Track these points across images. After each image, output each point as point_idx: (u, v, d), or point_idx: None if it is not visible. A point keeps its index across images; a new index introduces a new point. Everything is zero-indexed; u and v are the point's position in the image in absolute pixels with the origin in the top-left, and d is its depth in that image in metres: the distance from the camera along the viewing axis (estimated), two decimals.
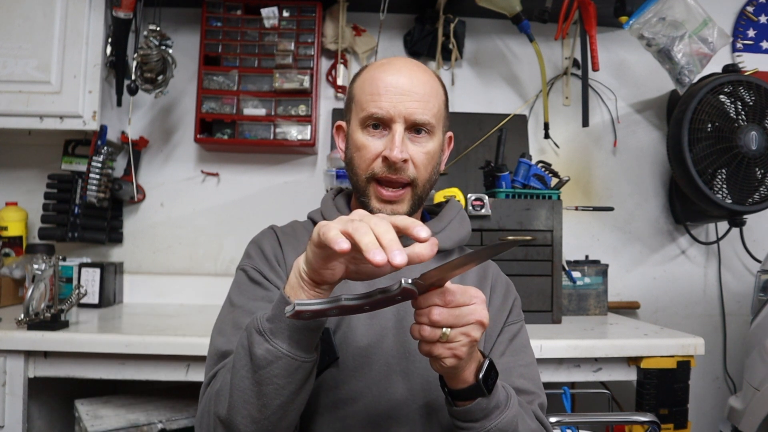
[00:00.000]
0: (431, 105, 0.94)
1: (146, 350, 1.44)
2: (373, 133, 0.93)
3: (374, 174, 0.93)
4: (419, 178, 0.94)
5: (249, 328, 0.74)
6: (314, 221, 1.04)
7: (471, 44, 2.31)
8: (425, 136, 0.94)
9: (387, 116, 0.91)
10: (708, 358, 2.19)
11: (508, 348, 0.97)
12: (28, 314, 1.49)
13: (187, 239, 2.22)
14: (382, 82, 0.92)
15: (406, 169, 0.92)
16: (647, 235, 2.32)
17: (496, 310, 0.99)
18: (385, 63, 0.97)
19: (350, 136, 0.97)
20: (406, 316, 0.93)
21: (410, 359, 0.91)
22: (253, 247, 0.99)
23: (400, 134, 0.91)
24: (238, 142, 2.07)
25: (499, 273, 1.06)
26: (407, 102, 0.91)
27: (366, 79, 0.96)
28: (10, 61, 1.86)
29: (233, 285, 0.97)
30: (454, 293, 0.69)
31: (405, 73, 0.93)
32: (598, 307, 1.98)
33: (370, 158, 0.93)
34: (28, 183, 2.18)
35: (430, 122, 0.93)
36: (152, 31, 1.95)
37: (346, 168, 1.00)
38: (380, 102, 0.91)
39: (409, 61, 0.97)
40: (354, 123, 0.96)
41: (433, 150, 0.95)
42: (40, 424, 1.61)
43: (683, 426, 1.56)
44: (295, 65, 2.08)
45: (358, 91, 0.96)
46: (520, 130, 2.21)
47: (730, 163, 1.89)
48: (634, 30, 1.95)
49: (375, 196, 0.94)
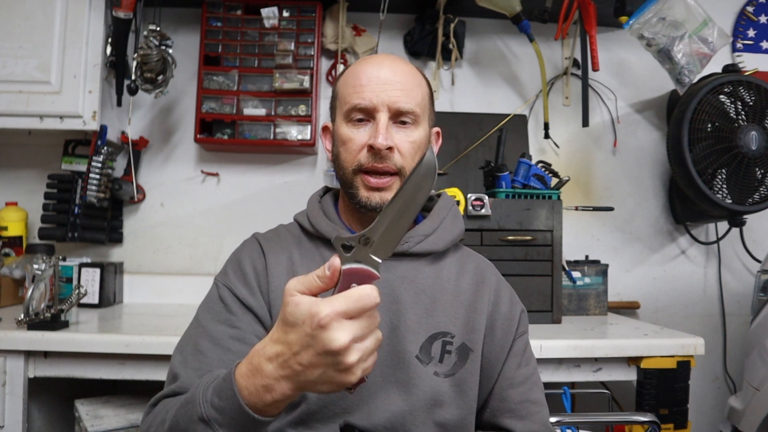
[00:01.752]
0: (414, 94, 0.93)
1: (146, 350, 1.44)
2: (357, 125, 0.93)
3: (361, 165, 0.92)
4: (406, 167, 0.93)
5: (193, 410, 0.70)
6: (301, 224, 1.02)
7: (471, 44, 2.31)
8: (410, 126, 0.94)
9: (370, 105, 0.91)
10: (708, 358, 2.19)
11: (523, 359, 0.98)
12: (28, 314, 1.49)
13: (187, 239, 2.22)
14: (364, 74, 0.93)
15: (392, 157, 0.91)
16: (647, 235, 2.32)
17: (503, 320, 0.97)
18: (366, 58, 0.98)
19: (336, 132, 0.97)
20: (399, 325, 0.91)
21: (406, 368, 0.90)
22: (232, 261, 0.98)
23: (383, 122, 0.91)
24: (238, 142, 2.07)
25: (500, 279, 1.03)
26: (390, 91, 0.91)
27: (348, 74, 0.96)
28: (10, 61, 1.86)
29: (205, 297, 0.96)
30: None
31: (387, 65, 0.94)
32: (598, 307, 1.98)
33: (355, 149, 0.92)
34: (28, 183, 2.18)
35: (414, 110, 0.93)
36: (152, 31, 1.95)
37: (334, 165, 0.99)
38: (363, 93, 0.91)
39: (391, 55, 0.98)
40: (339, 118, 0.96)
41: (419, 139, 0.94)
42: (40, 424, 1.61)
43: (683, 426, 1.56)
44: (295, 65, 2.08)
45: (341, 86, 0.97)
46: (520, 130, 2.21)
47: (730, 163, 1.89)
48: (634, 30, 1.95)
49: (363, 185, 0.92)
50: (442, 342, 0.92)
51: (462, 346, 0.93)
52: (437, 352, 0.92)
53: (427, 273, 0.96)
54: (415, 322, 0.92)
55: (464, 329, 0.94)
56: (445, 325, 0.93)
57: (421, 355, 0.91)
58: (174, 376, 0.86)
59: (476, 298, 0.97)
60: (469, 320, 0.95)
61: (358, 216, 0.97)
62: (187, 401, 0.74)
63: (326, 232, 0.96)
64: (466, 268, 1.00)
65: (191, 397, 0.73)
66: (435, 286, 0.96)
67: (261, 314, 0.91)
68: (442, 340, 0.93)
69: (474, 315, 0.95)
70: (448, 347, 0.93)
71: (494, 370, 0.95)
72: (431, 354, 0.92)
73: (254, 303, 0.91)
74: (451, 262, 1.00)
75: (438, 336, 0.93)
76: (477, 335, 0.94)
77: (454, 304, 0.95)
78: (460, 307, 0.95)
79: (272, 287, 0.93)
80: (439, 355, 0.92)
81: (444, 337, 0.93)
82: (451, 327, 0.94)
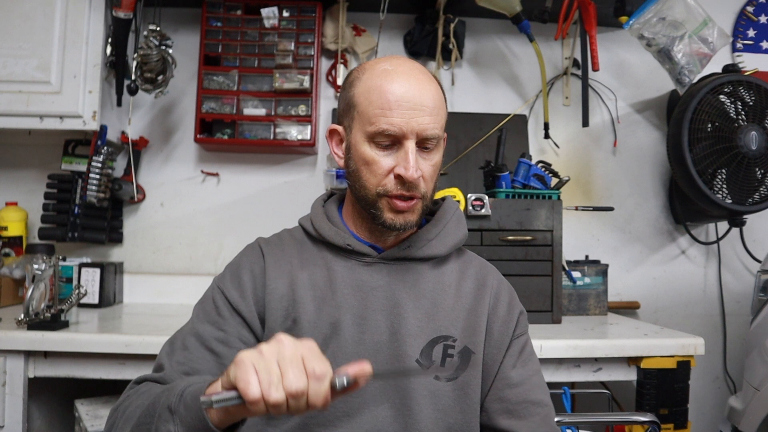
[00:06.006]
0: (440, 117, 0.91)
1: (146, 350, 1.44)
2: (383, 149, 0.90)
3: (387, 191, 0.90)
4: (428, 191, 0.93)
5: (163, 401, 0.75)
6: (304, 228, 1.02)
7: (471, 44, 2.31)
8: (433, 150, 0.92)
9: (399, 133, 0.88)
10: (708, 358, 2.19)
11: (519, 360, 0.97)
12: (28, 314, 1.49)
13: (187, 239, 2.22)
14: (392, 96, 0.88)
15: (419, 185, 0.90)
16: (647, 235, 2.32)
17: (501, 322, 0.97)
18: (390, 71, 0.91)
19: (354, 146, 0.93)
20: (400, 329, 0.92)
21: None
22: (231, 265, 0.99)
23: (413, 152, 0.88)
24: (238, 142, 2.07)
25: (501, 281, 1.03)
26: (419, 117, 0.88)
27: (372, 88, 0.90)
28: (10, 61, 1.86)
29: (202, 296, 0.98)
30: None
31: (414, 84, 0.89)
32: (598, 307, 1.98)
33: (381, 174, 0.90)
34: (28, 183, 2.18)
35: (439, 135, 0.91)
36: (152, 31, 1.95)
37: (349, 178, 0.96)
38: (392, 118, 0.87)
39: (414, 67, 0.93)
40: (359, 134, 0.92)
41: (438, 161, 0.94)
42: (40, 424, 1.61)
43: (683, 426, 1.56)
44: (295, 65, 2.08)
45: (363, 100, 0.91)
46: (520, 130, 2.21)
47: (730, 163, 1.89)
48: (634, 30, 1.95)
49: (388, 208, 0.91)
50: (443, 346, 0.93)
51: (464, 349, 0.93)
52: (438, 356, 0.92)
53: (429, 277, 0.97)
54: (415, 326, 0.92)
55: (466, 332, 0.94)
56: (446, 328, 0.93)
57: (421, 359, 0.91)
58: (160, 365, 0.91)
59: (477, 302, 0.97)
60: (471, 323, 0.95)
61: (368, 225, 0.97)
62: (167, 389, 0.78)
63: (329, 237, 0.97)
64: (468, 273, 1.00)
65: (171, 387, 0.78)
66: (436, 290, 0.96)
67: (249, 318, 0.92)
68: (443, 344, 0.93)
69: (475, 318, 0.95)
70: (449, 351, 0.93)
71: (492, 372, 0.95)
72: (432, 358, 0.92)
73: (244, 307, 0.93)
74: (453, 266, 1.00)
75: (439, 340, 0.93)
76: (478, 338, 0.94)
77: (455, 308, 0.95)
78: (462, 311, 0.96)
79: (269, 290, 0.93)
80: (441, 359, 0.92)
81: (445, 340, 0.93)
82: (453, 330, 0.94)
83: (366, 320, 0.92)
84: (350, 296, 0.93)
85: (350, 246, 0.95)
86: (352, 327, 0.91)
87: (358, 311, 0.92)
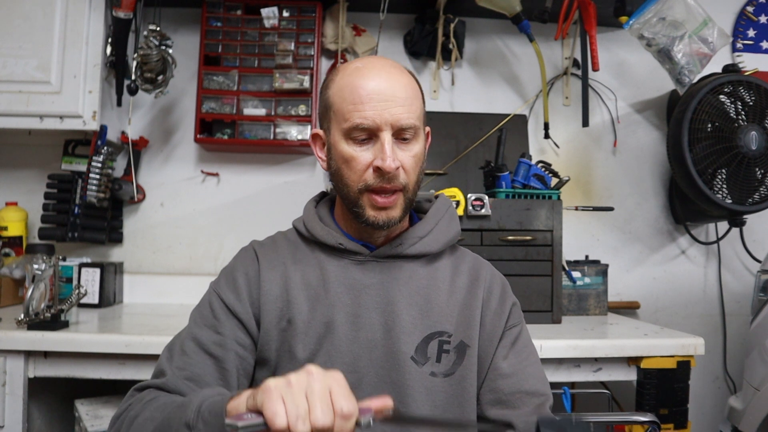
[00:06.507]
0: (414, 107, 0.92)
1: (146, 350, 1.44)
2: (360, 144, 0.91)
3: (368, 186, 0.90)
4: (409, 183, 0.93)
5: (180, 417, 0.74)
6: (297, 229, 1.02)
7: (471, 44, 2.31)
8: (411, 141, 0.92)
9: (374, 125, 0.88)
10: (708, 358, 2.19)
11: (511, 351, 0.97)
12: (28, 314, 1.49)
13: (187, 239, 2.22)
14: (364, 90, 0.89)
15: (399, 176, 0.91)
16: (647, 235, 2.32)
17: (493, 314, 0.98)
18: (361, 68, 0.93)
19: (333, 146, 0.94)
20: (394, 327, 0.92)
21: (401, 369, 0.90)
22: (227, 269, 1.00)
23: (389, 143, 0.89)
24: (238, 142, 2.07)
25: (494, 274, 1.03)
26: (392, 108, 0.89)
27: (344, 86, 0.92)
28: (10, 61, 1.86)
29: (200, 300, 0.98)
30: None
31: (384, 77, 0.90)
32: (598, 307, 1.98)
33: (360, 170, 0.90)
34: (28, 183, 2.18)
35: (416, 125, 0.91)
36: (152, 31, 1.95)
37: (333, 179, 0.96)
38: (364, 111, 0.88)
39: (385, 63, 0.94)
40: (336, 133, 0.93)
41: (419, 152, 0.94)
42: (40, 424, 1.61)
43: (683, 426, 1.56)
44: (295, 65, 2.08)
45: (336, 99, 0.92)
46: (520, 130, 2.21)
47: (730, 163, 1.89)
48: (634, 30, 1.95)
49: (369, 205, 0.91)
50: (438, 342, 0.93)
51: (460, 344, 0.94)
52: (434, 352, 0.92)
53: (422, 274, 0.97)
54: (409, 323, 0.93)
55: (460, 327, 0.95)
56: (441, 324, 0.94)
57: (416, 355, 0.91)
58: (161, 371, 0.90)
59: (471, 296, 0.97)
60: (465, 317, 0.95)
61: (356, 225, 0.97)
62: (181, 405, 0.77)
63: (321, 237, 0.97)
64: (462, 268, 1.01)
65: (186, 403, 0.77)
66: (430, 287, 0.96)
67: (246, 320, 0.93)
68: (438, 340, 0.93)
69: (468, 312, 0.96)
70: (445, 346, 0.93)
71: (486, 364, 0.96)
72: (427, 354, 0.92)
73: (240, 309, 0.93)
74: (446, 263, 1.00)
75: (434, 336, 0.93)
76: (473, 331, 0.95)
77: (449, 304, 0.96)
78: (456, 306, 0.96)
79: (263, 291, 0.94)
80: (436, 355, 0.92)
81: (440, 336, 0.93)
82: (447, 326, 0.94)
83: (360, 318, 0.92)
84: (343, 295, 0.93)
85: (342, 245, 0.96)
86: (346, 325, 0.92)
87: (351, 310, 0.93)
